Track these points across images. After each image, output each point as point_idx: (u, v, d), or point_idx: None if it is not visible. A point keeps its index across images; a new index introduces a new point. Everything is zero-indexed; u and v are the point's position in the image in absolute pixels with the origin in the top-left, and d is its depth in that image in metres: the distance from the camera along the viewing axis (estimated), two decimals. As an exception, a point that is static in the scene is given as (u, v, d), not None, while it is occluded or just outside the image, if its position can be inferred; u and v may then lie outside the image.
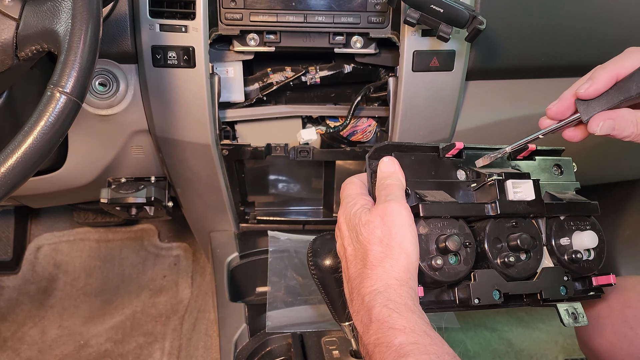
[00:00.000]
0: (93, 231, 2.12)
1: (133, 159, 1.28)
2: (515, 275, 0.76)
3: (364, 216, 0.72)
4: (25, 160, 0.67)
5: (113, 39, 1.06)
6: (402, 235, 0.68)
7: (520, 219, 0.79)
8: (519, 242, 0.75)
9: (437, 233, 0.74)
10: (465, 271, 0.74)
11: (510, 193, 0.77)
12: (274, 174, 1.40)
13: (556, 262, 0.80)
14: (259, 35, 1.13)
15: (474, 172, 0.81)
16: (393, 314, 0.64)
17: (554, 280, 0.78)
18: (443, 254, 0.73)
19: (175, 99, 1.11)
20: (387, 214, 0.70)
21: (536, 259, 0.78)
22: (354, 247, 0.72)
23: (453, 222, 0.75)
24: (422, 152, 0.81)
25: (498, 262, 0.75)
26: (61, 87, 0.68)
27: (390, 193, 0.72)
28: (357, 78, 1.26)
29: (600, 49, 1.24)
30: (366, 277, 0.68)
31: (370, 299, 0.66)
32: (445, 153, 0.81)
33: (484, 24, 0.97)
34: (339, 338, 1.04)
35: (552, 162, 0.88)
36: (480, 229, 0.77)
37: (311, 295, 1.12)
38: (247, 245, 1.32)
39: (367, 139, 1.28)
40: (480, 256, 0.76)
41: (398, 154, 0.78)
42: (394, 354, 0.61)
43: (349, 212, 0.75)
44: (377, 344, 0.63)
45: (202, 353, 1.55)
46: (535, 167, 0.86)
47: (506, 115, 1.28)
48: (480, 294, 0.73)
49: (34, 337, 1.83)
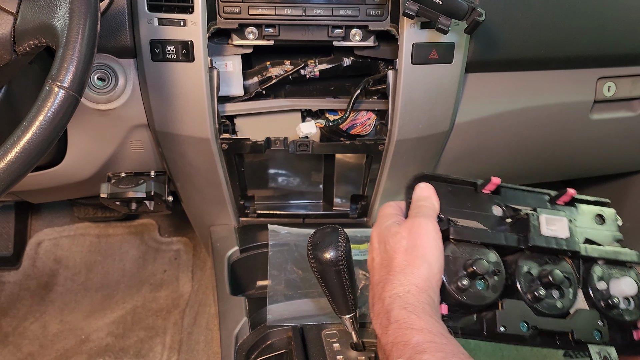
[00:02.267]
0: (93, 226, 2.13)
1: (132, 154, 1.28)
2: (546, 311, 0.76)
3: (393, 228, 0.77)
4: (25, 155, 0.67)
5: (111, 33, 1.06)
6: (426, 248, 0.72)
7: (554, 257, 0.79)
8: (551, 277, 0.76)
9: (466, 257, 0.76)
10: (492, 298, 0.75)
11: (544, 228, 0.78)
12: (273, 168, 1.39)
13: (592, 306, 0.79)
14: (257, 28, 1.13)
15: (510, 209, 0.83)
16: (411, 316, 0.67)
17: (588, 323, 0.77)
18: (470, 278, 0.75)
19: (174, 94, 1.11)
20: (414, 226, 0.74)
21: (569, 298, 0.78)
22: (381, 257, 0.77)
23: (483, 250, 0.77)
24: (459, 184, 0.84)
25: (528, 295, 0.76)
26: (60, 82, 0.67)
27: (421, 211, 0.77)
28: (356, 71, 1.26)
29: (600, 40, 1.24)
30: (388, 283, 0.72)
31: (389, 302, 0.70)
32: (482, 188, 0.84)
33: (483, 16, 0.97)
34: (340, 331, 1.04)
35: (594, 212, 0.87)
36: (512, 261, 0.78)
37: (311, 288, 1.12)
38: (247, 239, 1.32)
39: (367, 132, 1.28)
40: (511, 289, 0.77)
41: (436, 183, 0.82)
42: (410, 351, 0.63)
43: (381, 227, 0.80)
44: (394, 343, 0.66)
45: (203, 347, 1.55)
46: (574, 213, 0.86)
47: (506, 108, 1.28)
48: (506, 322, 0.74)
49: (35, 332, 1.84)
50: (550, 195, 0.86)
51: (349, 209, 1.40)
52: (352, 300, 0.95)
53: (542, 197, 0.86)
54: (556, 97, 1.31)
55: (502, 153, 1.41)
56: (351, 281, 0.92)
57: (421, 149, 1.25)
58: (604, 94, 1.33)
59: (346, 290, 0.92)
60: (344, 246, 0.89)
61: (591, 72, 1.31)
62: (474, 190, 0.84)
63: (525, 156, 1.44)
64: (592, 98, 1.33)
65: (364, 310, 1.09)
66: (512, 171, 1.51)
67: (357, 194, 1.38)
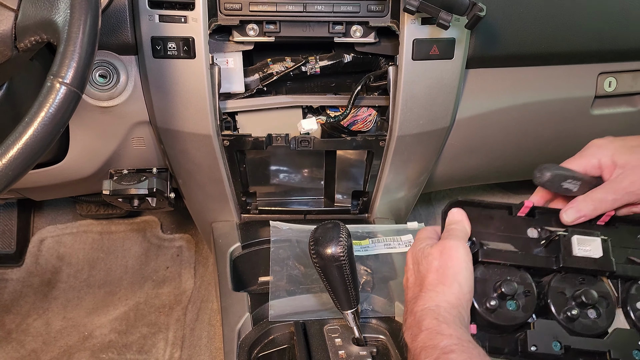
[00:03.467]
0: (96, 223, 2.13)
1: (134, 151, 1.28)
2: (581, 330, 0.77)
3: (426, 250, 0.80)
4: (26, 151, 0.68)
5: (112, 30, 1.06)
6: (457, 268, 0.75)
7: (590, 277, 0.80)
8: (584, 297, 0.76)
9: (496, 279, 0.78)
10: (523, 318, 0.77)
11: (575, 249, 0.79)
12: (275, 165, 1.40)
13: (632, 325, 0.80)
14: (258, 25, 1.13)
15: (546, 231, 0.84)
16: (442, 325, 0.70)
17: (627, 343, 0.77)
18: (500, 299, 0.76)
19: (175, 90, 1.11)
20: (445, 248, 0.78)
21: (606, 318, 0.78)
22: (415, 277, 0.81)
23: (514, 271, 0.79)
24: (494, 209, 0.85)
25: (562, 316, 0.77)
26: (61, 78, 0.68)
27: (452, 234, 0.80)
28: (357, 67, 1.26)
29: (601, 35, 1.24)
30: (420, 298, 0.76)
31: (421, 315, 0.73)
32: (517, 211, 0.85)
33: (484, 11, 0.97)
34: (341, 326, 1.04)
35: (638, 232, 0.87)
36: (546, 282, 0.79)
37: (313, 284, 1.12)
38: (249, 236, 1.33)
39: (368, 128, 1.28)
40: (544, 310, 0.78)
41: (469, 208, 0.84)
42: (438, 352, 0.67)
43: (416, 248, 0.84)
44: (424, 347, 0.69)
45: (205, 342, 1.56)
46: (615, 232, 0.86)
47: (506, 104, 1.28)
48: (537, 342, 0.75)
49: (38, 328, 1.84)
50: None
51: (350, 205, 1.40)
52: (353, 296, 0.95)
53: None
54: (557, 93, 1.31)
55: (502, 149, 1.41)
56: (353, 276, 0.93)
57: (422, 144, 1.25)
58: (604, 89, 1.33)
59: (348, 285, 0.93)
60: (346, 242, 0.90)
61: (592, 67, 1.31)
62: (509, 213, 0.85)
63: (526, 152, 1.44)
64: (593, 93, 1.33)
65: (365, 305, 1.09)
66: (513, 167, 1.51)
67: (358, 190, 1.38)
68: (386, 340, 1.04)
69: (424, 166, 1.34)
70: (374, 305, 1.10)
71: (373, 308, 1.09)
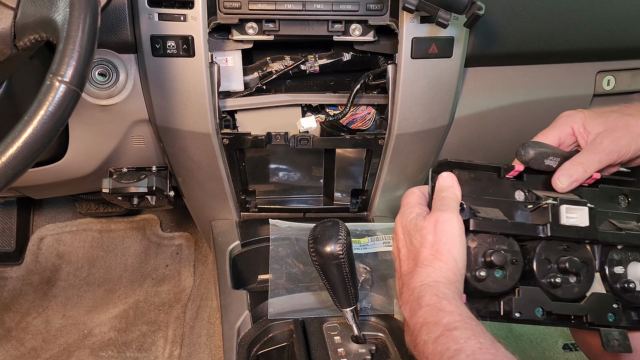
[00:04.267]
0: (95, 221, 2.13)
1: (134, 149, 1.28)
2: (561, 296, 0.78)
3: (419, 222, 0.78)
4: (26, 149, 0.67)
5: (112, 28, 1.06)
6: (451, 244, 0.74)
7: (574, 243, 0.81)
8: (568, 265, 0.77)
9: (485, 247, 0.78)
10: (510, 286, 0.78)
11: (563, 218, 0.80)
12: (274, 163, 1.40)
13: (608, 289, 0.81)
14: (257, 23, 1.13)
15: (533, 194, 0.84)
16: (442, 301, 0.70)
17: (603, 306, 0.79)
18: (489, 268, 0.77)
19: (175, 89, 1.11)
20: (439, 222, 0.76)
21: (585, 283, 0.80)
22: (407, 249, 0.79)
23: (502, 239, 0.79)
24: (482, 170, 0.85)
25: (545, 282, 0.78)
26: (60, 76, 0.68)
27: (444, 204, 0.78)
28: (356, 66, 1.26)
29: (599, 34, 1.24)
30: (416, 274, 0.75)
31: (419, 291, 0.73)
32: (505, 174, 0.85)
33: (482, 10, 0.97)
34: (340, 324, 1.04)
35: (619, 192, 0.88)
36: (531, 248, 0.80)
37: (312, 282, 1.12)
38: (249, 234, 1.33)
39: (367, 126, 1.28)
40: (528, 274, 0.79)
41: (459, 170, 0.83)
42: (442, 328, 0.66)
43: (406, 218, 0.81)
44: (424, 323, 0.69)
45: (205, 340, 1.56)
46: (598, 195, 0.87)
47: (505, 102, 1.28)
48: (522, 309, 0.77)
49: (38, 326, 1.85)
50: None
51: (350, 203, 1.40)
52: (352, 294, 0.95)
53: None
54: (555, 91, 1.31)
55: (501, 147, 1.40)
56: (352, 274, 0.93)
57: (421, 143, 1.25)
58: (603, 87, 1.33)
59: (347, 283, 0.93)
60: (345, 239, 0.90)
61: (590, 65, 1.31)
62: (497, 175, 0.85)
63: (525, 150, 1.44)
64: (592, 92, 1.33)
65: (365, 303, 1.10)
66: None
67: (358, 188, 1.38)
68: (385, 337, 1.04)
69: (422, 164, 1.34)
70: (373, 303, 1.10)
71: (372, 306, 1.10)
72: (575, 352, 1.75)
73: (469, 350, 0.63)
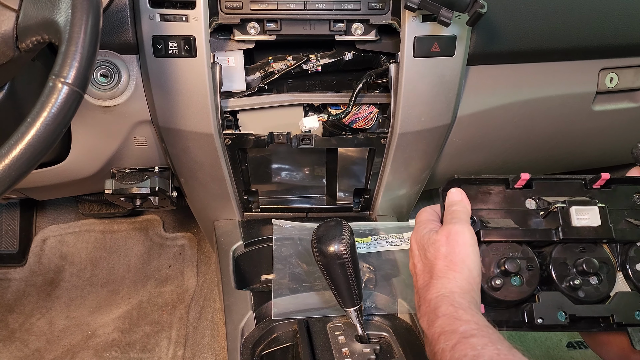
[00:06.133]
0: (98, 222, 2.14)
1: (136, 150, 1.28)
2: (584, 298, 0.79)
3: (432, 236, 0.81)
4: (29, 151, 0.67)
5: (113, 29, 1.06)
6: (465, 254, 0.76)
7: (590, 244, 0.81)
8: (585, 266, 0.78)
9: (499, 256, 0.79)
10: (529, 292, 0.78)
11: (574, 219, 0.80)
12: (276, 163, 1.40)
13: (633, 287, 0.81)
14: (259, 23, 1.13)
15: (543, 201, 0.84)
16: (459, 311, 0.71)
17: (629, 305, 0.79)
18: (504, 276, 0.78)
19: (177, 89, 1.11)
20: (451, 234, 0.78)
21: (607, 283, 0.80)
22: (422, 263, 0.82)
23: (516, 247, 0.80)
24: (491, 184, 0.86)
25: (564, 285, 0.79)
26: (63, 78, 0.67)
27: (455, 217, 0.81)
28: (358, 65, 1.26)
29: (602, 31, 1.24)
30: (432, 286, 0.77)
31: (436, 302, 0.74)
32: (514, 184, 0.86)
33: (485, 8, 0.96)
34: (345, 324, 1.04)
35: (634, 190, 0.88)
36: (547, 253, 0.81)
37: (316, 281, 1.12)
38: (252, 234, 1.33)
39: (369, 126, 1.28)
40: (547, 280, 0.80)
41: (468, 186, 0.85)
42: (459, 336, 0.67)
43: (419, 234, 0.84)
44: (442, 332, 0.70)
45: (208, 341, 1.56)
46: (612, 195, 0.87)
47: (508, 100, 1.28)
48: (544, 315, 0.77)
49: (41, 328, 1.85)
50: (585, 181, 0.87)
51: (352, 203, 1.40)
52: (356, 293, 0.95)
53: (577, 183, 0.87)
54: (558, 89, 1.31)
55: (504, 145, 1.40)
56: (356, 274, 0.93)
57: (423, 141, 1.25)
58: (606, 85, 1.33)
59: (351, 283, 0.93)
60: (349, 239, 0.90)
61: (593, 63, 1.30)
62: (506, 187, 0.86)
63: (528, 148, 1.44)
64: (595, 89, 1.33)
65: (368, 303, 1.09)
66: (515, 163, 1.50)
67: (360, 187, 1.38)
68: (389, 337, 1.04)
69: (425, 163, 1.34)
70: (377, 303, 1.10)
71: (376, 305, 1.10)
72: (579, 350, 1.74)
73: (487, 357, 0.64)
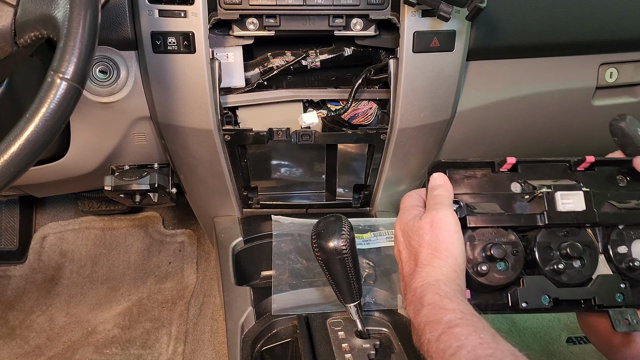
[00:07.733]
0: (98, 219, 2.14)
1: (136, 146, 1.28)
2: (567, 281, 0.79)
3: (416, 223, 0.80)
4: (28, 147, 0.67)
5: (112, 25, 1.06)
6: (449, 241, 0.76)
7: (574, 228, 0.81)
8: (569, 249, 0.78)
9: (484, 242, 0.79)
10: (514, 277, 0.79)
11: (559, 204, 0.80)
12: (276, 159, 1.40)
13: (614, 270, 0.82)
14: (258, 19, 1.12)
15: (529, 185, 0.84)
16: (444, 299, 0.71)
17: (610, 287, 0.80)
18: (490, 261, 0.78)
19: (176, 85, 1.11)
20: (434, 221, 0.78)
21: (590, 266, 0.80)
22: (407, 250, 0.81)
23: (501, 232, 0.80)
24: (477, 167, 0.86)
25: (548, 269, 0.79)
26: (61, 73, 0.67)
27: (437, 202, 0.80)
28: (357, 61, 1.25)
29: (602, 26, 1.23)
30: (417, 274, 0.76)
31: (421, 290, 0.74)
32: (499, 167, 0.85)
33: (484, 2, 0.96)
34: (344, 319, 1.04)
35: (617, 172, 0.88)
36: (532, 237, 0.81)
37: (316, 277, 1.12)
38: (251, 230, 1.33)
39: (369, 121, 1.27)
40: (532, 264, 0.80)
41: (453, 170, 0.84)
42: (443, 326, 0.68)
43: (404, 220, 0.83)
44: (427, 322, 0.70)
45: (208, 337, 1.56)
46: (595, 177, 0.87)
47: (507, 95, 1.28)
48: (528, 298, 0.78)
49: (42, 325, 1.85)
50: (569, 163, 0.87)
51: (352, 199, 1.40)
52: (356, 289, 0.95)
53: (561, 166, 0.87)
54: (558, 84, 1.30)
55: (504, 140, 1.40)
56: (355, 269, 0.93)
57: (423, 137, 1.25)
58: (606, 80, 1.33)
59: (350, 278, 0.93)
60: (348, 235, 0.90)
61: (593, 58, 1.30)
62: (492, 170, 0.86)
63: (527, 143, 1.44)
64: (594, 84, 1.33)
65: (368, 298, 1.10)
66: (515, 159, 1.50)
67: (360, 183, 1.38)
68: (389, 332, 1.04)
69: (425, 159, 1.34)
70: (377, 298, 1.10)
71: (376, 301, 1.10)
72: (579, 345, 1.75)
73: (470, 347, 0.64)
